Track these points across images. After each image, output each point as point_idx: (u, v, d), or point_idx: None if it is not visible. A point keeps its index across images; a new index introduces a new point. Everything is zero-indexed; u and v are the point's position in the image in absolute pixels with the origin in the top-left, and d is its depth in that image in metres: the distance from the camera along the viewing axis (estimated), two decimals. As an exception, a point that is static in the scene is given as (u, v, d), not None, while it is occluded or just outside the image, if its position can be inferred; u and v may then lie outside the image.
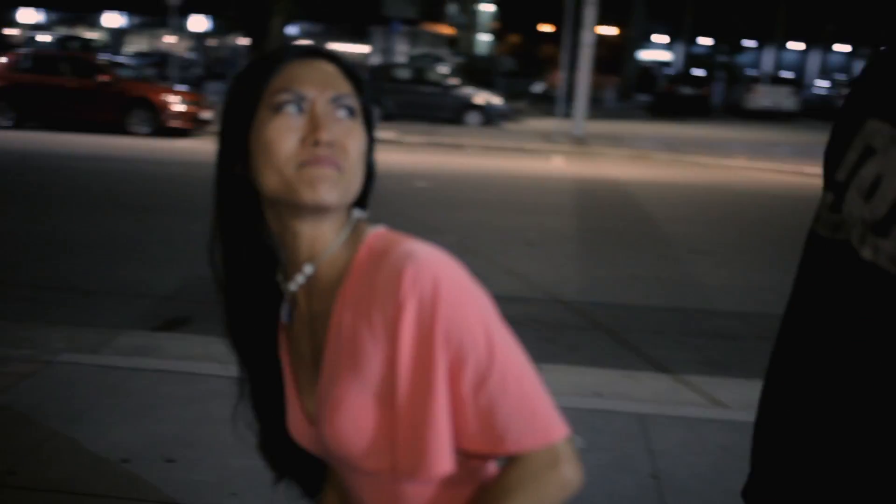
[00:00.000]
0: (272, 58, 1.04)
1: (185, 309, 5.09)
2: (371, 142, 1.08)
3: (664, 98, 29.20)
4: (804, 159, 15.40)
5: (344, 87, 1.04)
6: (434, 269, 0.96)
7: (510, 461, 1.02)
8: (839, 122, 0.99)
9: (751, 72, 31.50)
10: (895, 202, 0.85)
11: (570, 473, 1.01)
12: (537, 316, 5.28)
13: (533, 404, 1.00)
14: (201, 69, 28.26)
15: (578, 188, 11.21)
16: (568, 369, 4.14)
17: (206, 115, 15.11)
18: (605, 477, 2.96)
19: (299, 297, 1.08)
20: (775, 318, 1.05)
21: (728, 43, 36.09)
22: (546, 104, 26.02)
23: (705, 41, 37.58)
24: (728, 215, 9.63)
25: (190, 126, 14.82)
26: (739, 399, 3.66)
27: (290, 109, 1.00)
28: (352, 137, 1.02)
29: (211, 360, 3.82)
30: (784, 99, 27.49)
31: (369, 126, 1.07)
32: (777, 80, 28.52)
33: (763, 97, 27.59)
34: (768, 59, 37.90)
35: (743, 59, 37.25)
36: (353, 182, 1.03)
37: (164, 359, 3.99)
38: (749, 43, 37.58)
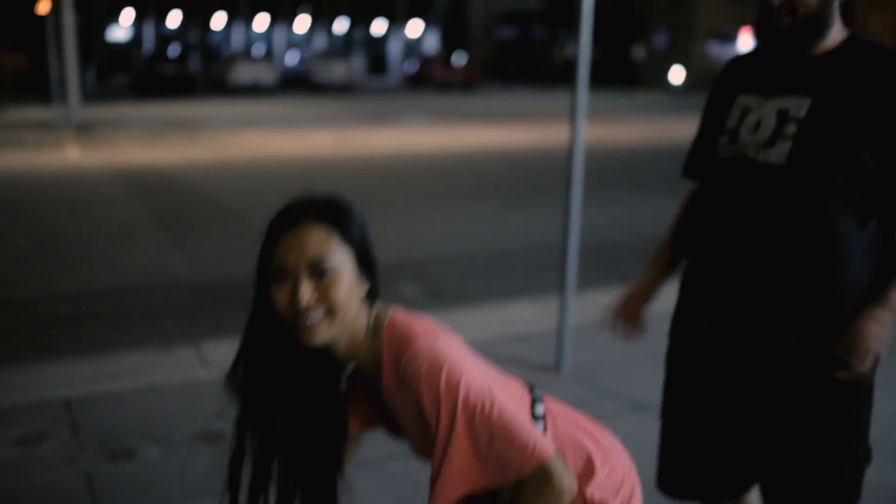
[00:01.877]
0: (270, 231, 1.39)
1: None
2: (369, 253, 1.43)
3: (145, 78, 28.71)
4: (311, 129, 16.85)
5: (322, 246, 1.34)
6: (431, 363, 1.34)
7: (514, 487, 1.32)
8: (715, 96, 1.85)
9: (226, 49, 32.51)
10: (773, 131, 1.66)
11: (565, 481, 1.29)
12: (178, 302, 5.47)
13: (518, 435, 1.29)
14: None
15: (117, 177, 10.93)
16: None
17: None
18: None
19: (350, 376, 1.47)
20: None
21: (199, 20, 36.69)
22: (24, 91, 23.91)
23: (174, 20, 37.63)
24: (273, 185, 10.36)
25: None
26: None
27: (280, 282, 1.36)
28: (333, 287, 1.35)
29: None
30: (264, 74, 29.05)
31: (363, 252, 1.41)
32: (252, 57, 29.97)
33: (245, 73, 28.81)
34: (238, 35, 39.39)
35: (216, 36, 38.22)
36: (346, 314, 1.37)
37: None
38: (219, 20, 38.59)
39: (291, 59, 36.30)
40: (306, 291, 1.32)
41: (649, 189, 10.34)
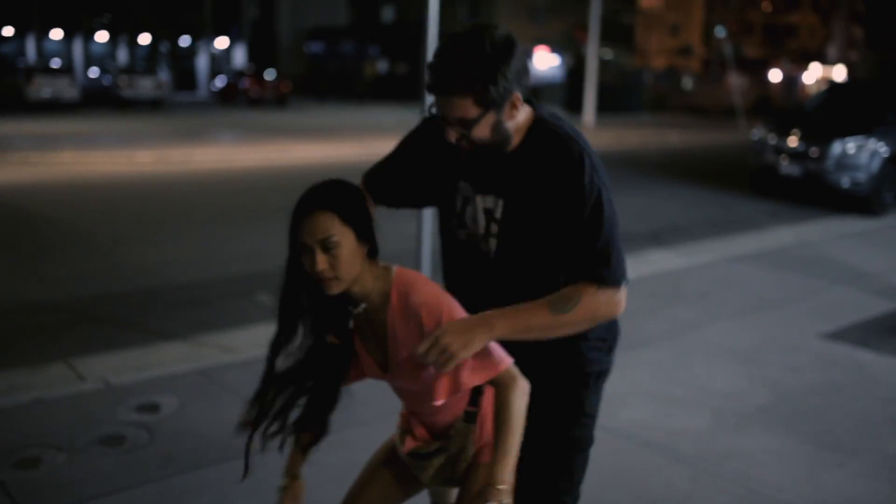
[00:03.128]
0: (294, 217, 1.86)
1: None
2: (366, 224, 1.90)
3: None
4: (128, 147, 16.46)
5: (330, 228, 1.80)
6: (434, 298, 1.86)
7: (495, 386, 1.85)
8: (440, 179, 2.06)
9: (21, 63, 30.60)
10: (484, 228, 1.97)
11: (523, 381, 1.84)
12: (38, 323, 5.56)
13: (490, 347, 1.82)
14: None
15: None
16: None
17: None
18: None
19: (360, 314, 1.98)
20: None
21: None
22: None
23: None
24: (107, 204, 10.23)
25: None
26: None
27: (305, 253, 1.86)
28: (337, 256, 1.81)
29: None
30: (65, 88, 27.70)
31: (361, 225, 1.87)
32: (52, 70, 28.44)
33: (44, 88, 27.34)
34: (31, 48, 37.16)
35: (7, 48, 35.89)
36: (350, 273, 1.83)
37: None
38: (7, 32, 36.25)
39: (93, 73, 34.72)
40: (320, 261, 1.83)
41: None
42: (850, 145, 11.25)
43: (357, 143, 18.64)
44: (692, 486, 3.43)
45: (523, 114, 1.90)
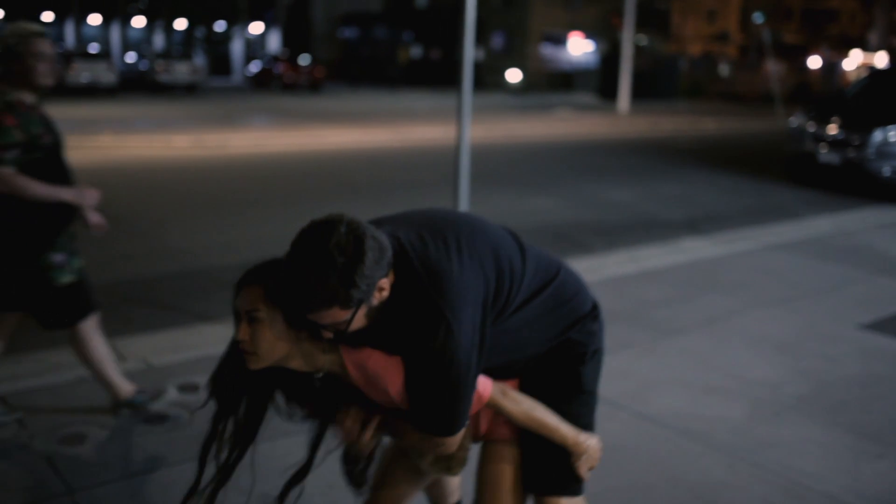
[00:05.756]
0: (238, 288, 1.87)
1: None
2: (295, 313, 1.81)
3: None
4: (165, 131, 16.64)
5: (256, 303, 1.79)
6: (383, 366, 1.90)
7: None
8: None
9: (60, 48, 31.01)
10: None
11: (496, 387, 2.00)
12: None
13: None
14: None
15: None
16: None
17: None
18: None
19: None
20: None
21: (24, 16, 34.67)
22: None
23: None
24: (146, 188, 10.38)
25: None
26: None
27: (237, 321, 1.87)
28: (258, 335, 1.79)
29: None
30: (103, 73, 28.04)
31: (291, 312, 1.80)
32: (90, 56, 28.79)
33: (82, 73, 27.71)
34: (70, 34, 37.63)
35: (46, 34, 36.18)
36: (269, 354, 1.80)
37: None
38: (48, 17, 36.71)
39: (130, 58, 35.08)
40: (242, 331, 1.83)
41: (504, 185, 11.13)
42: (892, 133, 11.06)
43: (390, 128, 18.69)
44: (729, 475, 3.42)
45: (390, 279, 1.84)
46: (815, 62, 50.32)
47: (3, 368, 4.25)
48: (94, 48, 32.12)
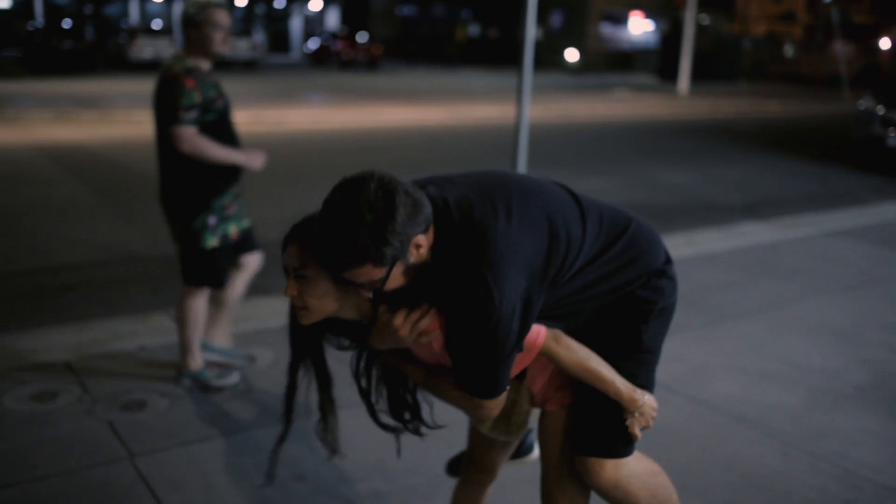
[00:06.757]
0: (284, 244, 1.85)
1: None
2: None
3: (38, 52, 27.66)
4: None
5: (301, 259, 1.77)
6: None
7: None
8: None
9: (124, 23, 31.62)
10: None
11: (548, 333, 1.95)
12: (139, 274, 5.79)
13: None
14: None
15: (40, 156, 10.89)
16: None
17: None
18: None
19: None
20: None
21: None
22: None
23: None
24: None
25: None
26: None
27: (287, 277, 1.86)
28: (307, 291, 1.79)
29: None
30: (165, 49, 28.46)
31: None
32: (153, 32, 29.27)
33: (146, 48, 28.18)
34: (135, 9, 38.28)
35: (110, 9, 37.05)
36: (320, 309, 1.81)
37: None
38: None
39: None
40: (291, 287, 1.83)
41: (561, 165, 11.05)
42: (965, 118, 10.69)
43: (447, 107, 18.66)
44: (784, 462, 3.37)
45: (429, 238, 1.79)
46: (885, 43, 48.70)
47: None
48: (157, 24, 32.60)
